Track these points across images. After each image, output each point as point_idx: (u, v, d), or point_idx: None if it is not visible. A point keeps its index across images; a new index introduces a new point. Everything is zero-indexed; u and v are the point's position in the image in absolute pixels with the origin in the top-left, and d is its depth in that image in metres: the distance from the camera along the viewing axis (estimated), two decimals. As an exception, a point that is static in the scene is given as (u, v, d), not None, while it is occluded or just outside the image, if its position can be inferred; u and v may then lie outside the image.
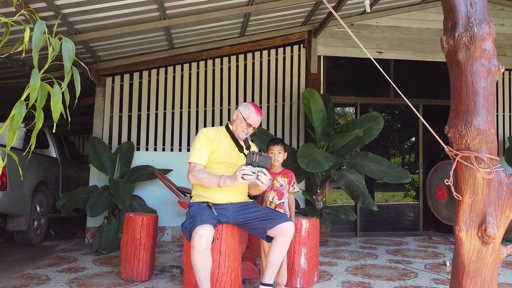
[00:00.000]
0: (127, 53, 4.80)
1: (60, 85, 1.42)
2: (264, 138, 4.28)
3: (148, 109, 5.03)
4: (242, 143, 2.50)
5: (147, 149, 4.98)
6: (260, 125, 4.96)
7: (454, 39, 1.79)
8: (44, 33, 1.37)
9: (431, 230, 5.64)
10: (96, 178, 4.81)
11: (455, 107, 1.80)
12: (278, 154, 2.81)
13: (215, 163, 2.40)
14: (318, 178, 4.51)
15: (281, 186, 2.75)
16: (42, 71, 1.44)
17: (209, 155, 2.39)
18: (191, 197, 2.53)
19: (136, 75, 5.06)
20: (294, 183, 2.81)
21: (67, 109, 1.48)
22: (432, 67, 5.55)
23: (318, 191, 4.51)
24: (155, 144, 5.00)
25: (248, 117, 2.43)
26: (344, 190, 4.05)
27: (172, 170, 4.71)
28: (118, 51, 4.69)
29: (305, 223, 2.91)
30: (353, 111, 6.87)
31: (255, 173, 2.08)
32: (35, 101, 1.36)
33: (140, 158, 4.86)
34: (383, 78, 1.98)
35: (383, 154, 7.36)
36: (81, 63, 1.75)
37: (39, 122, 1.39)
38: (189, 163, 2.39)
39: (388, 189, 7.79)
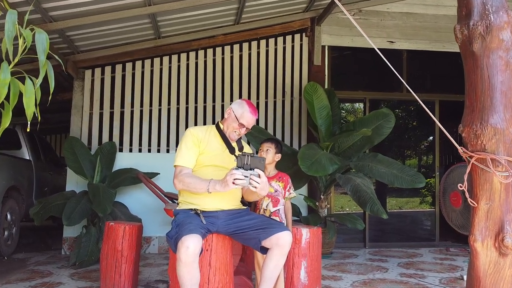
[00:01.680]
0: (108, 43, 4.80)
1: (32, 80, 1.44)
2: (261, 138, 4.29)
3: (132, 106, 5.05)
4: (234, 144, 2.51)
5: (130, 150, 4.99)
6: (257, 123, 4.98)
7: (468, 29, 1.80)
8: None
9: (448, 240, 5.65)
10: (74, 182, 4.82)
11: (469, 103, 1.82)
12: (265, 152, 2.82)
13: (204, 166, 2.40)
14: (321, 183, 4.52)
15: (275, 191, 2.76)
16: (12, 65, 1.45)
17: (197, 157, 2.40)
18: (178, 203, 2.54)
19: (118, 67, 5.07)
20: (290, 188, 2.82)
21: (37, 106, 1.49)
22: (449, 58, 5.56)
23: (322, 197, 4.52)
24: (140, 144, 5.01)
25: (241, 116, 2.44)
26: (350, 196, 4.06)
27: (159, 173, 4.72)
28: (99, 41, 4.69)
29: (305, 232, 2.92)
30: (361, 107, 6.88)
31: (247, 176, 2.08)
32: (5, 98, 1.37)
33: (123, 160, 4.87)
34: (396, 70, 1.99)
35: (396, 156, 7.37)
36: (56, 56, 1.77)
37: (5, 119, 1.41)
38: (174, 166, 2.39)
39: (402, 195, 7.79)
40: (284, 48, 5.30)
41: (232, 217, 2.39)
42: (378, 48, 1.97)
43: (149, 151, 5.01)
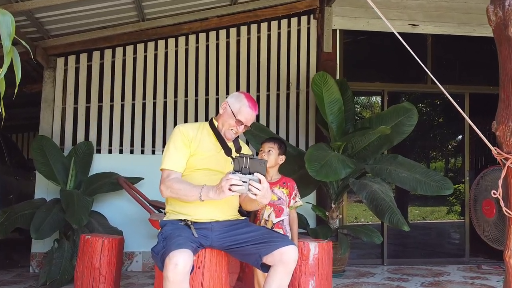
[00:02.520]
0: (84, 26, 4.81)
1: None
2: (262, 137, 4.29)
3: (112, 100, 5.05)
4: (230, 144, 2.51)
5: (110, 151, 4.99)
6: (258, 120, 4.98)
7: (503, 9, 1.81)
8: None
9: (480, 256, 5.65)
10: (44, 189, 4.82)
11: (505, 97, 1.82)
12: (266, 153, 2.82)
13: (195, 170, 2.40)
14: (332, 189, 4.52)
15: (279, 199, 2.76)
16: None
17: (187, 159, 2.40)
18: (165, 213, 2.54)
19: (96, 54, 5.07)
20: (296, 195, 2.83)
21: (1, 100, 1.49)
22: (481, 44, 5.58)
23: (333, 205, 4.52)
24: (121, 144, 5.02)
25: (239, 112, 2.43)
26: (366, 205, 4.07)
27: (143, 178, 4.73)
28: (73, 24, 4.70)
29: (313, 247, 2.92)
30: (379, 101, 6.87)
31: (246, 182, 2.08)
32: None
33: (101, 163, 4.88)
34: (419, 58, 2.00)
35: (419, 158, 7.38)
36: (23, 42, 1.76)
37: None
38: (161, 170, 2.38)
39: (427, 204, 7.80)
40: (289, 33, 5.31)
41: (228, 229, 2.39)
42: (399, 33, 1.97)
43: (132, 152, 5.02)
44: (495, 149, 1.82)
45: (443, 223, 7.51)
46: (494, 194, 1.80)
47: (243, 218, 2.56)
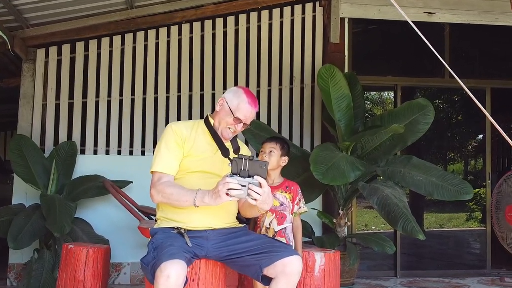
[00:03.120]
0: (67, 14, 4.80)
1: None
2: (262, 137, 4.29)
3: (97, 95, 5.04)
4: (228, 144, 2.51)
5: (95, 152, 4.99)
6: (258, 117, 4.98)
7: (528, -4, 1.81)
8: None
9: (503, 268, 5.65)
10: (23, 193, 4.82)
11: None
12: (267, 154, 2.82)
13: (189, 173, 2.40)
14: (340, 194, 4.52)
15: (281, 205, 2.77)
16: None
17: (181, 161, 2.40)
18: (156, 221, 2.54)
19: (79, 45, 5.07)
20: (300, 200, 2.83)
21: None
22: (504, 34, 5.57)
23: (341, 212, 4.52)
24: (107, 144, 5.01)
25: (237, 108, 2.44)
26: (377, 211, 4.07)
27: (132, 182, 4.72)
28: (54, 12, 4.69)
29: (319, 257, 2.93)
30: (391, 97, 6.88)
31: (245, 186, 2.08)
32: None
33: (86, 164, 4.87)
34: (436, 49, 2.00)
35: (436, 159, 7.38)
36: (-2, 30, 1.77)
37: None
38: (151, 172, 2.39)
39: (444, 210, 7.80)
40: (292, 21, 5.30)
41: (225, 237, 2.39)
42: (413, 21, 1.97)
43: (119, 153, 5.01)
44: (519, 150, 1.82)
45: (462, 231, 7.51)
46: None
47: (242, 225, 2.56)
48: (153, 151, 2.52)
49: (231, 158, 2.21)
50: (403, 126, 4.15)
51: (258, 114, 4.76)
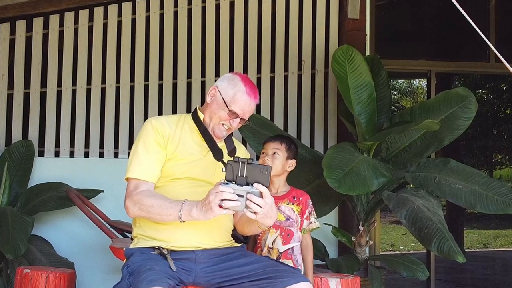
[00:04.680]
0: (22, -17, 4.81)
1: None
2: (264, 135, 4.29)
3: (60, 84, 5.04)
4: (221, 144, 2.51)
5: (57, 154, 4.99)
6: (258, 112, 4.97)
7: None
8: None
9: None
10: (-32, 205, 4.82)
11: None
12: (270, 156, 2.82)
13: (173, 180, 2.40)
14: (360, 206, 4.52)
15: (287, 219, 2.76)
16: None
17: (163, 165, 2.40)
18: (132, 239, 2.53)
19: (37, 22, 5.06)
20: (310, 214, 2.82)
21: None
22: None
23: (361, 228, 4.52)
24: (72, 145, 5.00)
25: (233, 100, 2.44)
26: (406, 227, 4.06)
27: (102, 191, 4.72)
28: (6, -19, 4.70)
29: (334, 284, 2.92)
30: (423, 86, 6.89)
31: (242, 196, 2.08)
32: None
33: (45, 169, 4.87)
34: (479, 27, 1.99)
35: (479, 163, 7.40)
36: None
37: None
38: (127, 179, 2.39)
39: (489, 225, 7.82)
40: (301, -7, 5.30)
41: (218, 260, 2.39)
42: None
43: (87, 155, 5.00)
44: None
45: (511, 252, 7.52)
46: None
47: (239, 245, 2.56)
48: (129, 153, 2.51)
49: (226, 162, 2.20)
50: (438, 122, 4.14)
51: (258, 107, 4.76)
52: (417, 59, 5.71)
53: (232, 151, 2.51)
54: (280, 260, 2.75)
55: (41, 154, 4.96)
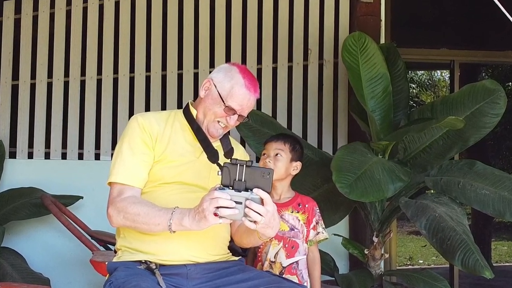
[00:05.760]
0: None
1: None
2: (265, 133, 4.30)
3: (34, 76, 5.05)
4: (217, 144, 2.52)
5: (30, 155, 5.01)
6: (259, 107, 4.98)
7: None
8: None
9: None
10: None
11: None
12: (272, 158, 2.83)
13: (162, 184, 2.41)
14: (374, 215, 4.53)
15: (291, 230, 2.76)
16: None
17: (150, 168, 2.41)
18: (115, 251, 2.54)
19: (8, 5, 5.06)
20: (318, 223, 2.82)
21: None
22: None
23: (376, 239, 4.53)
24: (48, 145, 5.02)
25: (230, 94, 2.44)
26: (426, 239, 4.07)
27: (82, 197, 4.74)
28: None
29: (345, 304, 2.93)
30: (446, 78, 6.90)
31: (240, 203, 2.08)
32: None
33: (17, 173, 4.90)
34: (509, 11, 2.00)
35: (509, 166, 7.40)
36: None
37: None
38: (110, 184, 2.40)
39: (520, 236, 7.80)
40: (307, -28, 5.31)
41: (213, 275, 2.40)
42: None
43: (64, 156, 5.02)
44: None
45: (545, 267, 7.54)
46: None
47: (237, 259, 2.57)
48: (112, 154, 2.52)
49: (222, 164, 2.21)
50: (463, 119, 4.15)
51: (259, 102, 4.77)
52: (438, 48, 5.71)
53: (229, 152, 2.51)
54: (284, 276, 2.76)
55: (13, 155, 4.98)
